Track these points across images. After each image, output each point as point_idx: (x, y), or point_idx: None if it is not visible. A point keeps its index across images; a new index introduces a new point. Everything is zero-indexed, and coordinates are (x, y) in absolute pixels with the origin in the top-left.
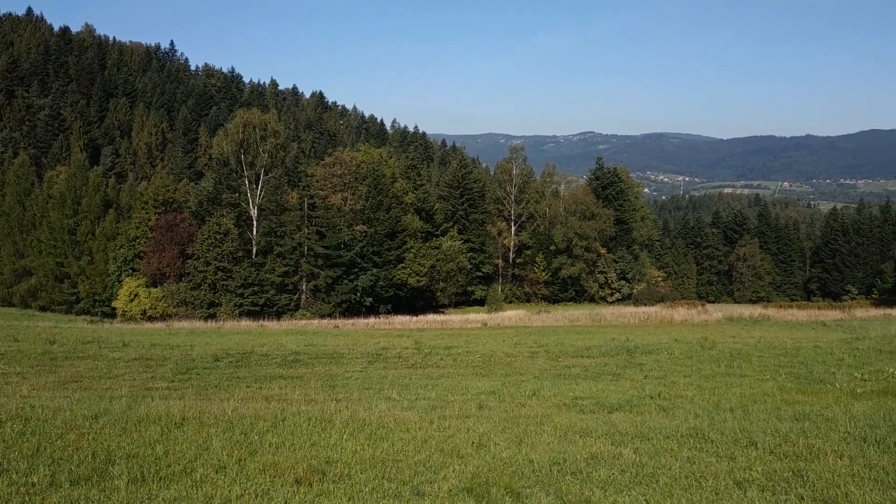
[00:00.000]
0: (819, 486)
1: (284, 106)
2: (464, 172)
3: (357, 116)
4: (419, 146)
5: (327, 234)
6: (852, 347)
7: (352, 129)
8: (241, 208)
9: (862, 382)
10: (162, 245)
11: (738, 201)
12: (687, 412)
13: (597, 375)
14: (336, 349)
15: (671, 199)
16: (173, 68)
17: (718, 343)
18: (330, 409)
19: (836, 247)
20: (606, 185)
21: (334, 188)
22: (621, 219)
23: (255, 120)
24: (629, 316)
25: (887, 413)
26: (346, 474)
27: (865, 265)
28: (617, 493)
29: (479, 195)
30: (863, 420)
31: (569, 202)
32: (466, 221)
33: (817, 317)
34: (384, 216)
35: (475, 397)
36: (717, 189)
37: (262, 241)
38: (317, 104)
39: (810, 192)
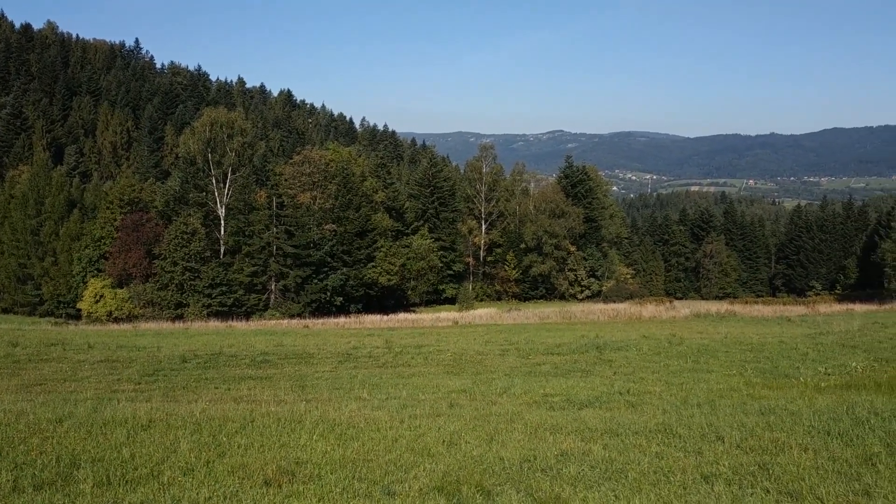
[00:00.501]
0: (784, 479)
1: (252, 104)
2: (434, 171)
3: (326, 115)
4: (389, 144)
5: (296, 234)
6: (816, 342)
7: (320, 128)
8: (208, 208)
9: (826, 377)
10: (128, 245)
11: (705, 199)
12: (655, 408)
13: (567, 372)
14: (306, 349)
15: (639, 197)
16: (138, 66)
17: (686, 339)
18: (300, 410)
19: (801, 243)
20: (576, 183)
21: (303, 187)
22: (590, 217)
23: (222, 118)
24: (599, 313)
25: (850, 407)
26: (316, 475)
27: (829, 261)
28: (587, 489)
29: (450, 194)
30: (826, 414)
31: (538, 200)
32: (437, 220)
33: (782, 312)
34: (354, 215)
35: (446, 396)
36: (685, 187)
37: (230, 240)
38: (285, 102)
39: (775, 190)
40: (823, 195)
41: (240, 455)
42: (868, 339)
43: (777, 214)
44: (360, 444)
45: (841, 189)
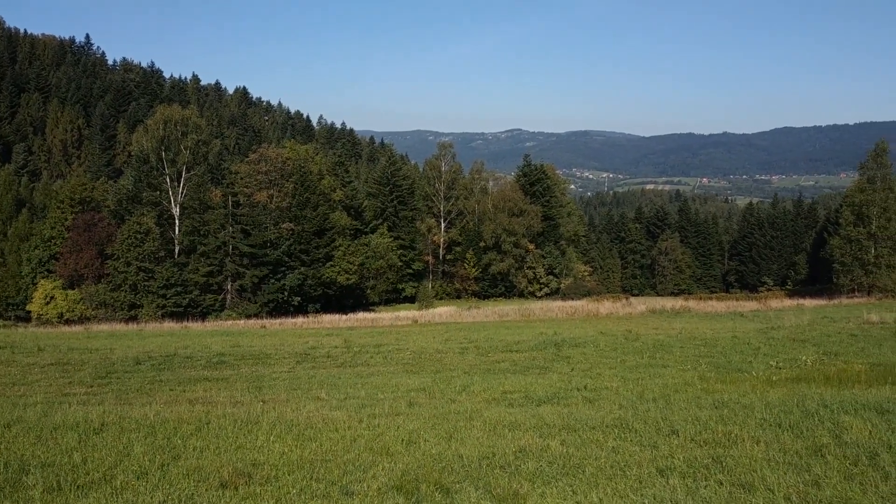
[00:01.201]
0: (737, 471)
1: (207, 102)
2: (393, 169)
3: (283, 112)
4: (347, 143)
5: (253, 233)
6: (768, 337)
7: (277, 126)
8: (162, 207)
9: (777, 370)
10: (79, 245)
11: (660, 197)
12: (612, 403)
13: (525, 369)
14: (263, 350)
15: (596, 196)
16: (89, 62)
17: (642, 335)
18: (256, 411)
19: (753, 240)
20: (534, 181)
21: (259, 185)
22: (548, 215)
23: (176, 116)
24: (557, 310)
25: (800, 399)
26: (273, 476)
27: (780, 257)
28: (545, 485)
29: (409, 192)
30: (778, 406)
31: (497, 199)
32: (396, 218)
33: (735, 308)
34: (311, 214)
35: (405, 395)
36: (640, 185)
37: (184, 240)
38: (241, 100)
39: (728, 188)
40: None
41: (195, 458)
42: (817, 334)
43: (730, 212)
44: (318, 445)
45: (791, 187)
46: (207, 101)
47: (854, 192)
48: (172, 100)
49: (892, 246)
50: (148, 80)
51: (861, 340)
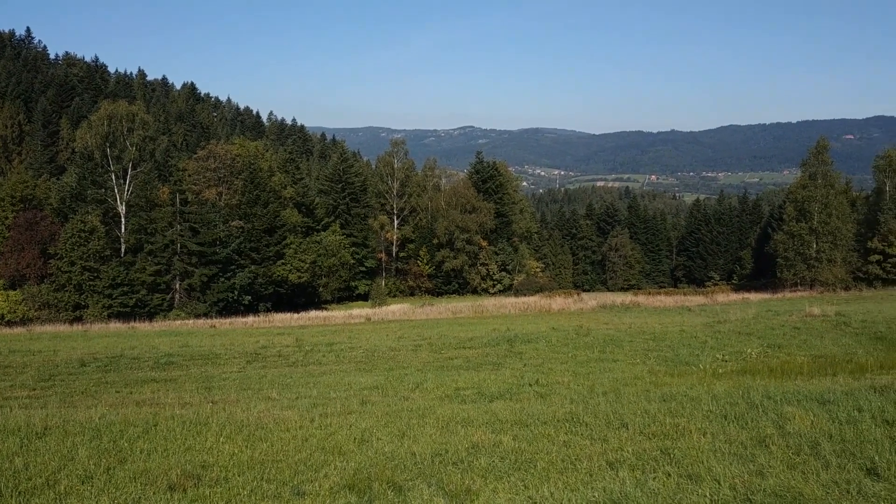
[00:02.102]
0: (685, 462)
1: (154, 97)
2: (344, 166)
3: (232, 108)
4: (297, 139)
5: (201, 231)
6: (714, 331)
7: (226, 122)
8: (107, 205)
9: (723, 363)
10: (21, 245)
11: (610, 194)
12: (563, 398)
13: (478, 366)
14: (212, 350)
15: (548, 192)
16: (30, 56)
17: (593, 330)
18: (206, 412)
19: (700, 236)
20: (486, 178)
21: (208, 183)
22: (501, 212)
23: (121, 111)
24: (510, 306)
25: (745, 391)
26: (222, 478)
27: (726, 253)
28: (497, 480)
29: (361, 189)
30: (724, 398)
31: (450, 196)
32: (348, 216)
33: (683, 302)
34: (262, 211)
35: (358, 393)
36: (591, 182)
37: (131, 238)
38: (188, 95)
39: (676, 185)
40: (720, 190)
41: (142, 460)
42: (762, 327)
43: (678, 208)
44: (269, 445)
45: (737, 184)
46: (154, 96)
47: (796, 188)
48: (118, 95)
49: (833, 241)
50: (92, 75)
51: (803, 333)
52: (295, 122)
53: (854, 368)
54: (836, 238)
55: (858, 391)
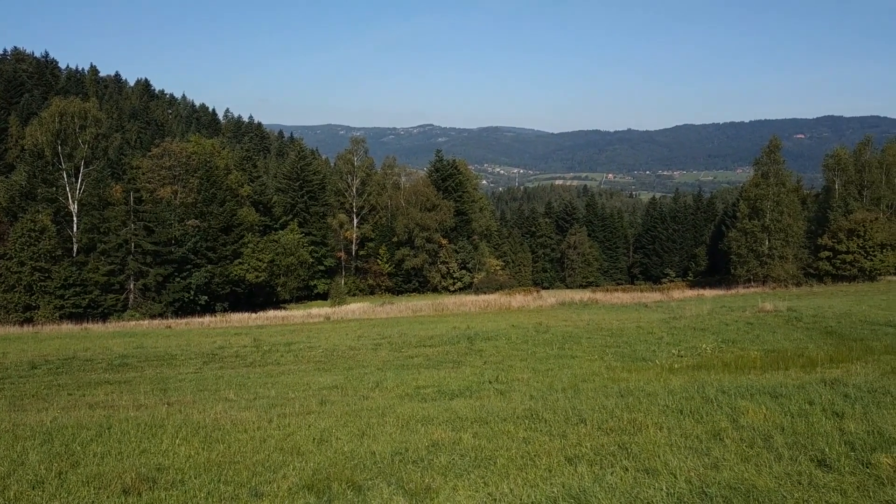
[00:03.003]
0: (642, 457)
1: (106, 94)
2: (303, 164)
3: (187, 105)
4: (255, 137)
5: (156, 230)
6: (670, 326)
7: (181, 119)
8: (59, 203)
9: (679, 358)
10: None
11: (568, 192)
12: (523, 394)
13: (439, 364)
14: (168, 350)
15: (507, 191)
16: None
17: (552, 327)
18: (161, 414)
19: (656, 233)
20: (446, 177)
21: (163, 181)
22: (461, 210)
23: (73, 108)
24: (470, 304)
25: (700, 386)
26: (178, 480)
27: (681, 250)
28: (457, 478)
29: (320, 187)
30: (679, 393)
31: (410, 194)
32: (307, 214)
33: (640, 299)
34: (218, 210)
35: (317, 393)
36: (550, 181)
37: (83, 238)
38: (142, 92)
39: (632, 183)
40: (676, 188)
41: (95, 464)
42: (716, 322)
43: (634, 206)
44: (227, 447)
45: (691, 182)
46: (107, 93)
47: (749, 186)
48: (69, 92)
49: (785, 238)
50: (42, 71)
51: (756, 328)
52: (252, 120)
53: (805, 363)
54: (788, 235)
55: (809, 385)
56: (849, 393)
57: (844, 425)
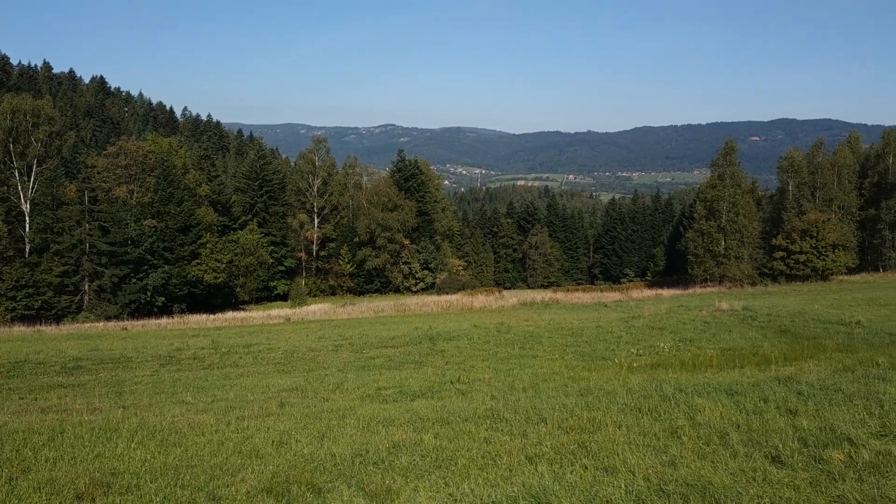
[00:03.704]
0: (601, 455)
1: (60, 91)
2: (262, 163)
3: (144, 103)
4: (213, 135)
5: (112, 230)
6: (629, 326)
7: (138, 117)
8: (10, 203)
9: (637, 357)
10: None
11: (530, 193)
12: (484, 394)
13: (400, 364)
14: (124, 353)
15: (470, 191)
16: None
17: (513, 327)
18: (116, 417)
19: (615, 234)
20: (408, 177)
21: (119, 180)
22: (423, 210)
23: (25, 106)
24: (432, 305)
25: (658, 384)
26: (134, 485)
27: (640, 250)
28: (418, 479)
29: (280, 187)
30: (638, 391)
31: (372, 194)
32: (266, 214)
33: (599, 299)
34: (176, 209)
35: (276, 395)
36: (511, 181)
37: (36, 238)
38: (98, 90)
39: (592, 184)
40: (635, 189)
41: (47, 469)
42: (674, 322)
43: (594, 207)
44: (184, 450)
45: (650, 183)
46: (61, 90)
47: (706, 188)
48: (21, 88)
49: (740, 239)
50: None
51: (713, 327)
52: (210, 118)
53: (760, 361)
54: (743, 236)
55: (764, 382)
56: (802, 390)
57: (798, 422)
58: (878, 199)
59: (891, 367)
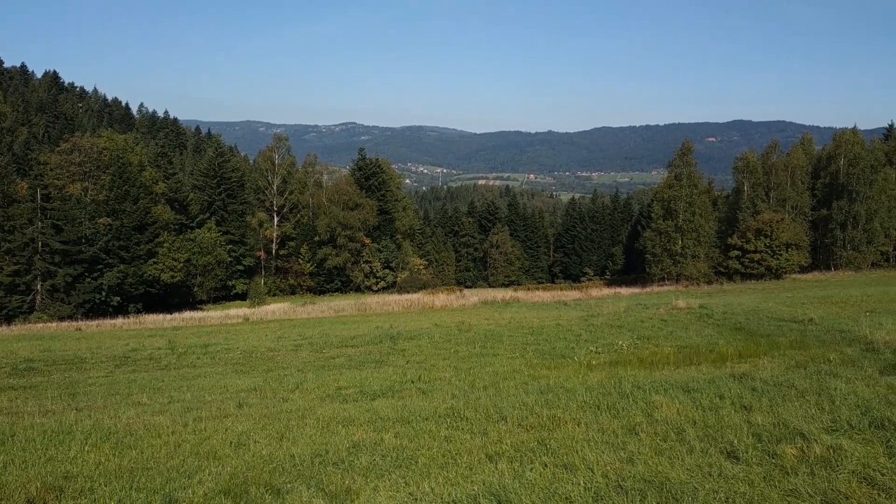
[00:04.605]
0: (560, 452)
1: (11, 86)
2: (221, 161)
3: (99, 99)
4: (170, 132)
5: (65, 228)
6: (589, 324)
7: (93, 113)
8: None
9: (596, 355)
10: None
11: (491, 192)
12: (445, 393)
13: (361, 364)
14: (78, 354)
15: (431, 190)
16: None
17: (474, 326)
18: (69, 420)
19: (575, 233)
20: (369, 175)
21: (73, 177)
22: (384, 209)
23: None
24: (393, 304)
25: (617, 382)
26: (87, 489)
27: (599, 249)
28: (378, 479)
29: (238, 185)
30: (597, 389)
31: (332, 192)
32: (225, 212)
33: (560, 297)
34: (131, 207)
35: (234, 395)
36: (472, 180)
37: None
38: (50, 85)
39: (553, 184)
40: (594, 189)
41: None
42: (632, 320)
43: (555, 206)
44: (139, 452)
45: (609, 183)
46: (12, 85)
47: (663, 188)
48: None
49: (697, 238)
50: None
51: (670, 325)
52: (167, 115)
53: (716, 358)
54: (700, 235)
55: (720, 379)
56: (756, 387)
57: (752, 418)
58: (830, 199)
59: (841, 364)
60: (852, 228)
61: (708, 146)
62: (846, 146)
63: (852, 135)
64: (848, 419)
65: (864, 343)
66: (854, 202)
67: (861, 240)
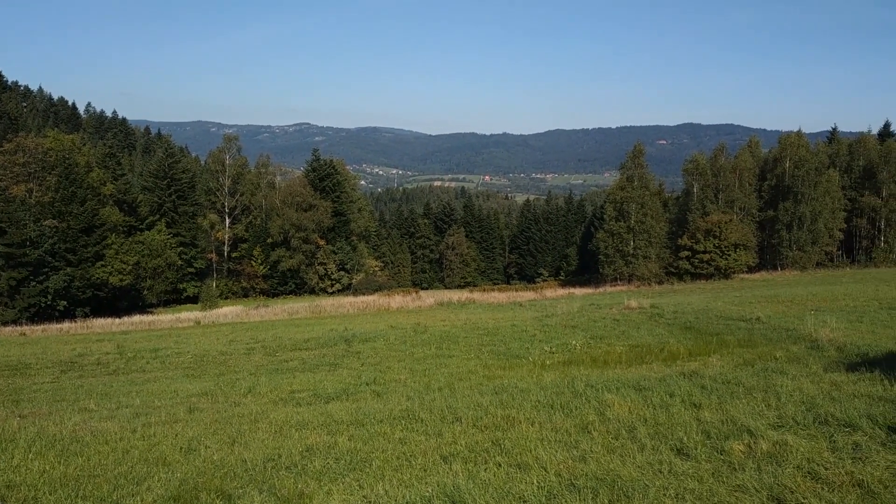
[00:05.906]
0: (514, 452)
1: None
2: (171, 162)
3: (44, 98)
4: (119, 133)
5: (9, 230)
6: (543, 324)
7: (38, 113)
8: None
9: (551, 355)
10: None
11: (447, 193)
12: (400, 395)
13: (315, 367)
14: (22, 359)
15: (386, 192)
16: None
17: (430, 327)
18: (13, 427)
19: (530, 234)
20: (324, 176)
21: (17, 178)
22: (339, 210)
23: None
24: (349, 306)
25: (570, 381)
26: (31, 497)
27: (554, 250)
28: (331, 482)
29: (189, 186)
30: (551, 388)
31: (286, 194)
32: (175, 214)
33: (515, 298)
34: (78, 209)
35: (185, 400)
36: (428, 182)
37: None
38: None
39: (508, 185)
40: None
41: None
42: (585, 320)
43: (510, 208)
44: (86, 460)
45: (563, 185)
46: None
47: (615, 189)
48: None
49: (648, 239)
50: None
51: (622, 325)
52: (116, 115)
53: (666, 356)
54: (651, 236)
55: (670, 377)
56: (705, 384)
57: (701, 415)
58: (776, 200)
59: (787, 361)
60: (798, 229)
61: (659, 149)
62: (791, 149)
63: (797, 137)
64: (793, 415)
65: (809, 341)
66: (799, 203)
67: (806, 240)
